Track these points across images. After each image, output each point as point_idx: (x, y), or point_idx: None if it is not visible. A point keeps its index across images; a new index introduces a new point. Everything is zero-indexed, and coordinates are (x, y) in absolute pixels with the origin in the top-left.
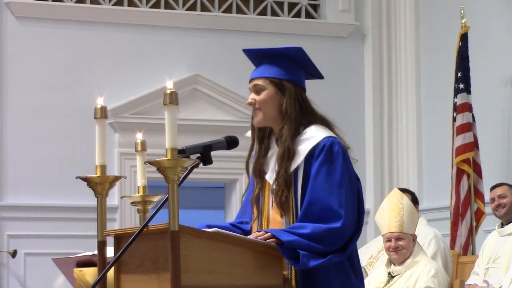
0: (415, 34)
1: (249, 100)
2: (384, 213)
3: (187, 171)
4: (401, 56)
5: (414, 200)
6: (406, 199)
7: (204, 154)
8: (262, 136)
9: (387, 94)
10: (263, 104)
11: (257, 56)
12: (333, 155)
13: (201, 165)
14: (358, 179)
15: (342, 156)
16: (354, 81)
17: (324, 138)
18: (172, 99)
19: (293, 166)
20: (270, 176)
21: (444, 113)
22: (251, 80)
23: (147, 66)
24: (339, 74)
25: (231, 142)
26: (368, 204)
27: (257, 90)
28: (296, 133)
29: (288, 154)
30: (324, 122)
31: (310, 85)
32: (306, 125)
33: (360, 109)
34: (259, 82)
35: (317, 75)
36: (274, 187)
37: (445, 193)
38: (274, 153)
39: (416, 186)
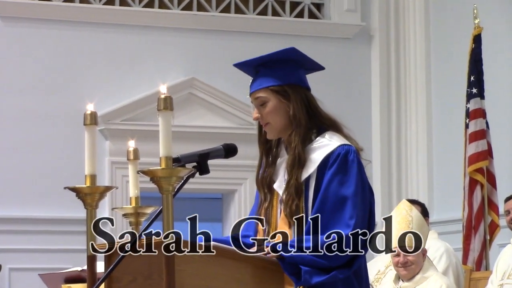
0: (425, 35)
1: (255, 116)
2: (392, 226)
3: (182, 181)
4: (410, 58)
5: (424, 212)
6: (415, 211)
7: (201, 163)
8: (269, 147)
9: (395, 99)
10: (270, 117)
11: (251, 67)
12: (348, 164)
13: (197, 174)
14: (371, 192)
15: (357, 166)
16: (360, 86)
17: (339, 146)
18: (167, 104)
19: (305, 175)
20: (278, 186)
21: (456, 120)
22: (251, 94)
23: (140, 69)
24: (344, 78)
25: (229, 150)
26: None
27: (260, 103)
28: (307, 139)
29: (298, 162)
30: (333, 124)
31: (313, 90)
32: (318, 132)
33: (366, 115)
34: (260, 94)
35: (317, 67)
36: (283, 196)
37: (457, 204)
38: (283, 161)
39: (426, 197)
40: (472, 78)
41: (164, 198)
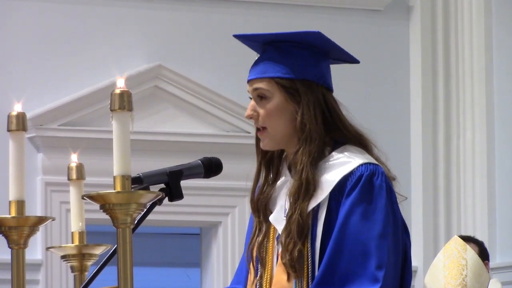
0: (485, 7)
1: (248, 112)
2: (439, 272)
3: (145, 210)
4: (464, 39)
5: (483, 254)
6: (471, 252)
7: (171, 184)
8: (270, 157)
9: (444, 95)
10: (269, 119)
11: (258, 44)
12: (374, 190)
13: (166, 200)
14: (406, 231)
15: (386, 193)
16: (395, 75)
17: (362, 165)
18: (123, 102)
19: (312, 205)
20: (276, 218)
21: None
22: (249, 81)
23: (85, 55)
24: (372, 64)
25: (210, 167)
26: (415, 261)
27: (259, 96)
28: (318, 156)
29: (306, 190)
30: (360, 141)
31: None
32: (334, 146)
33: (403, 116)
34: (262, 85)
35: (349, 59)
36: (282, 237)
37: None
38: (285, 184)
39: (486, 234)
40: None
41: (120, 233)
